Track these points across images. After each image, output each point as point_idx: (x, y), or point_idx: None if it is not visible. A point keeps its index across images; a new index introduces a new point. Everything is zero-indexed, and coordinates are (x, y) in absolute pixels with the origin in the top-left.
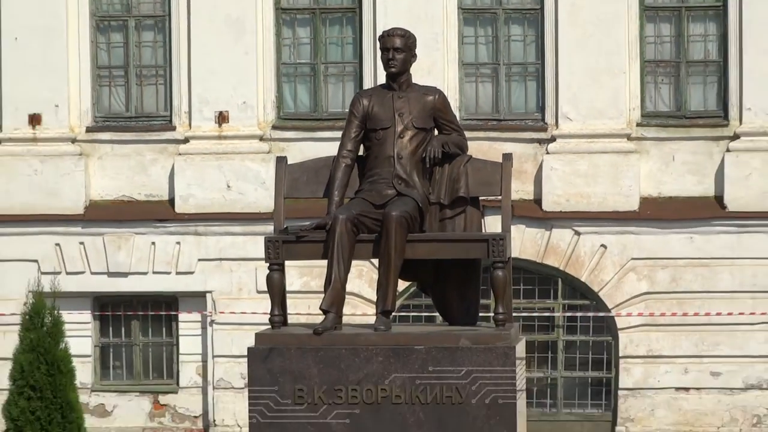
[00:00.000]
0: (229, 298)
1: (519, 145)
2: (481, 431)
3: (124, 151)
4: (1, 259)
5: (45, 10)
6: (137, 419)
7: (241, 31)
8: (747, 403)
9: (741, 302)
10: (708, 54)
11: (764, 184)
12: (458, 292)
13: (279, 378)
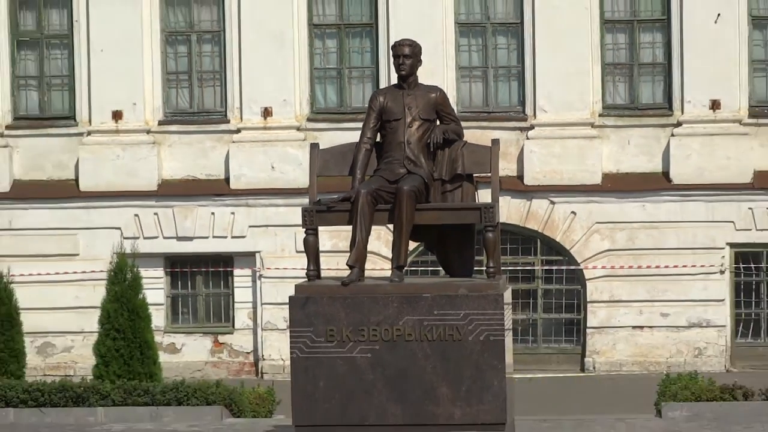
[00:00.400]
0: (273, 256)
1: (504, 132)
2: (477, 363)
3: (188, 140)
4: (92, 227)
5: (125, 27)
6: (201, 355)
7: (281, 42)
8: (690, 339)
9: (684, 257)
10: (655, 58)
11: (701, 162)
12: (457, 251)
13: (314, 321)
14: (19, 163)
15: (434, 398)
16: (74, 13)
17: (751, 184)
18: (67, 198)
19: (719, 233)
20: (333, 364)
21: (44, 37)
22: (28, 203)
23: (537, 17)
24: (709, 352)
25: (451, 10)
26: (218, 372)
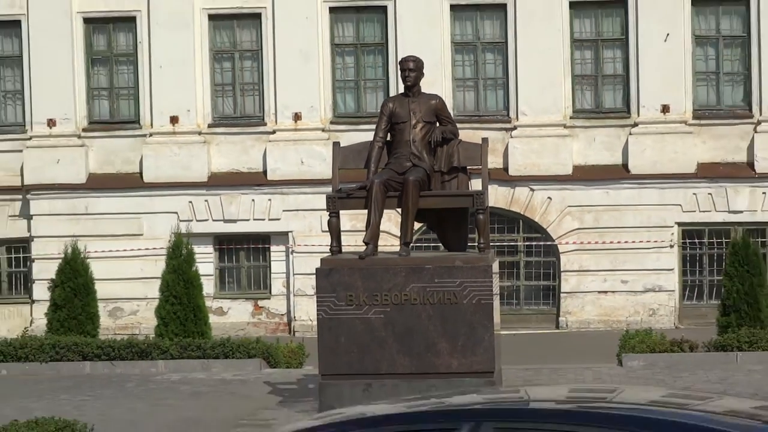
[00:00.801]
0: (303, 235)
1: (492, 132)
2: (470, 322)
3: (232, 140)
4: (153, 211)
5: (180, 46)
6: (243, 317)
7: (308, 59)
8: (645, 301)
9: (640, 234)
10: (616, 70)
11: (654, 155)
12: (453, 230)
13: (336, 288)
14: (93, 159)
15: (435, 351)
16: (138, 35)
17: (695, 174)
18: (133, 188)
19: (669, 214)
20: (352, 324)
21: (113, 56)
22: (101, 192)
23: (519, 37)
24: (661, 312)
25: (448, 32)
26: (258, 331)
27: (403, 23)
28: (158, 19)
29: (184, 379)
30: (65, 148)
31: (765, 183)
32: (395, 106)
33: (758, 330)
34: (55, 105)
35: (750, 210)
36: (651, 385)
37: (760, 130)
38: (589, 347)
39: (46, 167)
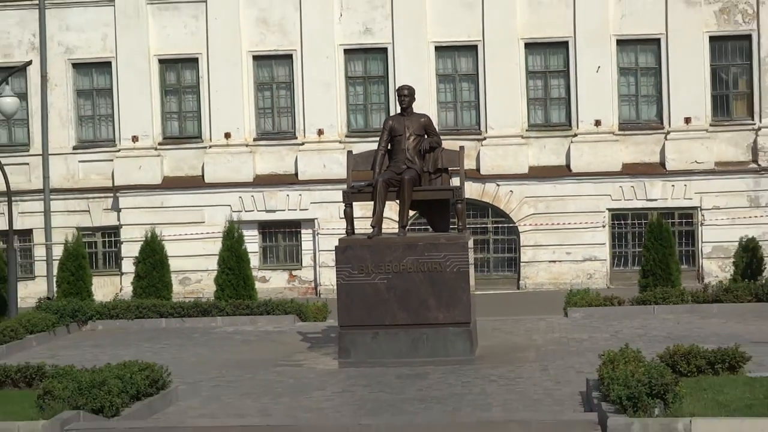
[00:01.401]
0: (325, 221)
1: (467, 142)
2: (452, 285)
3: (272, 149)
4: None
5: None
6: (281, 283)
7: (329, 88)
8: (584, 268)
9: (580, 217)
10: (560, 94)
11: (590, 158)
12: (439, 216)
13: (351, 260)
14: (166, 165)
15: (426, 307)
16: (200, 71)
17: (621, 172)
18: (197, 187)
19: (601, 202)
20: (362, 288)
21: (181, 87)
22: (172, 191)
23: (486, 70)
24: (596, 276)
25: (433, 67)
26: (292, 294)
27: (399, 61)
28: (215, 59)
29: (236, 331)
30: (145, 158)
31: (673, 178)
32: (394, 123)
33: (669, 289)
34: (137, 125)
35: (662, 198)
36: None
37: (669, 138)
38: (542, 303)
39: (131, 172)
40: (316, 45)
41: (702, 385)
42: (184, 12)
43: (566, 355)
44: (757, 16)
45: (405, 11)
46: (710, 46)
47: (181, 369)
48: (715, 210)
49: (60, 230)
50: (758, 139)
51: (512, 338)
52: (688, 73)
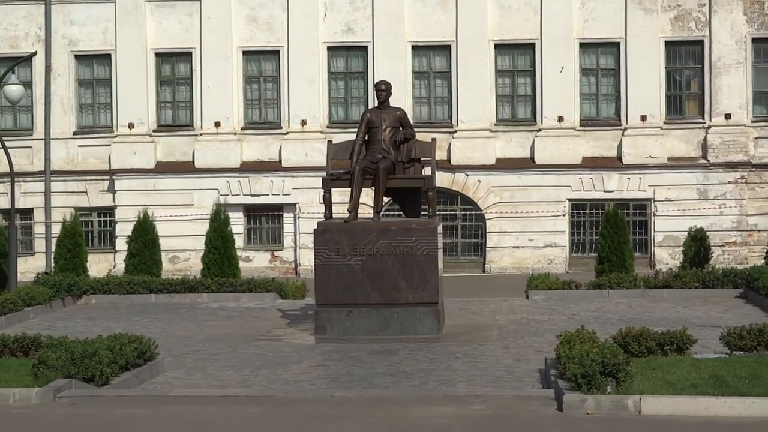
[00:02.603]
0: (306, 206)
1: (439, 134)
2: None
3: (258, 138)
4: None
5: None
6: (263, 263)
7: (312, 82)
8: (545, 254)
9: (542, 206)
10: (527, 91)
11: (553, 152)
12: (411, 203)
13: (328, 242)
14: (160, 151)
15: (397, 288)
16: (193, 65)
17: (581, 165)
18: (188, 172)
19: (562, 192)
20: (339, 268)
21: (175, 79)
22: (164, 175)
23: (459, 69)
24: (556, 261)
25: (409, 64)
26: (273, 273)
27: (378, 58)
28: (207, 53)
29: (221, 307)
30: (140, 144)
31: (629, 171)
32: (371, 116)
33: (623, 274)
34: (133, 113)
35: (618, 190)
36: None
37: (626, 134)
38: (505, 286)
39: (126, 157)
40: (302, 42)
41: (651, 365)
42: (180, 9)
43: (526, 334)
44: (709, 23)
45: (384, 12)
46: (665, 50)
47: (168, 342)
48: (667, 202)
49: (59, 210)
50: (708, 137)
51: (477, 318)
52: (645, 74)
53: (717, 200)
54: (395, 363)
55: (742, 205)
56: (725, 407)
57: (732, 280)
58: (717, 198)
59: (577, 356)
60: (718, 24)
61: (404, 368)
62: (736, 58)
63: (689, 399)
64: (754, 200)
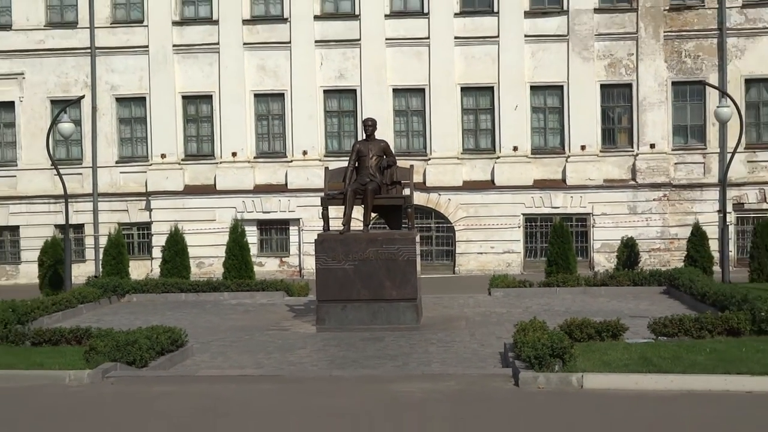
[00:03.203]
0: (308, 220)
1: (417, 162)
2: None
3: (268, 165)
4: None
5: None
6: (273, 267)
7: (312, 119)
8: (504, 258)
9: (501, 219)
10: (488, 126)
11: (509, 175)
12: (393, 218)
13: (326, 250)
14: (187, 176)
15: (383, 287)
16: (213, 105)
17: (532, 186)
18: (211, 193)
19: (517, 208)
20: (335, 271)
21: (199, 117)
22: (191, 196)
23: (432, 108)
24: (513, 264)
25: (391, 104)
26: (282, 275)
27: (365, 99)
28: (225, 96)
29: (238, 303)
30: (171, 170)
31: (572, 191)
32: (360, 146)
33: (568, 275)
34: (165, 145)
35: (563, 206)
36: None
37: (569, 161)
38: (471, 285)
39: (160, 181)
40: (302, 86)
41: (591, 349)
42: (202, 59)
43: (489, 324)
44: (637, 69)
45: (370, 62)
46: (600, 92)
47: (196, 332)
48: (603, 216)
49: (105, 225)
50: (636, 163)
51: (448, 311)
52: (584, 111)
53: (644, 214)
54: (382, 348)
55: (664, 218)
56: (651, 382)
57: (657, 279)
58: (644, 213)
59: (530, 341)
60: (644, 70)
61: (389, 352)
62: (658, 98)
63: (622, 376)
64: (674, 214)
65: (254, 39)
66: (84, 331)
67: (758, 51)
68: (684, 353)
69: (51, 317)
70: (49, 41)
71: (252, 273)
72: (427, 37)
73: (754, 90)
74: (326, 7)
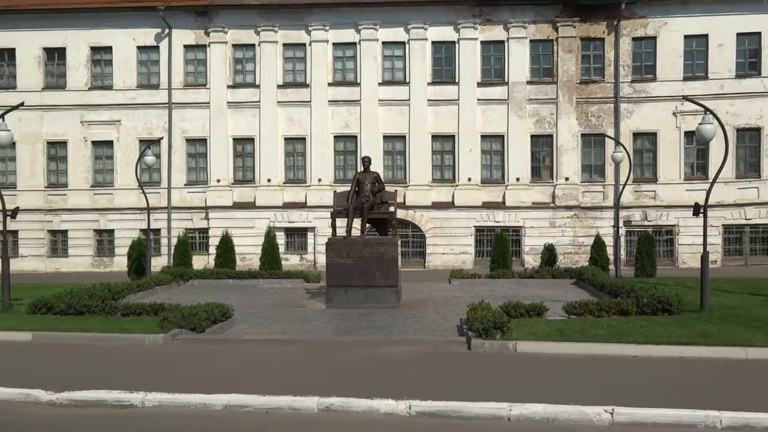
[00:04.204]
0: (321, 229)
1: (399, 188)
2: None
3: (293, 188)
4: (259, 217)
5: (273, 151)
6: (296, 261)
7: (325, 156)
8: (461, 258)
9: (459, 230)
10: (452, 164)
11: (465, 198)
12: (382, 227)
13: (334, 250)
14: (235, 195)
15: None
16: (255, 145)
17: (481, 206)
18: (251, 208)
19: (470, 222)
20: (340, 265)
21: (244, 153)
22: (238, 210)
23: (411, 150)
24: (467, 262)
25: (381, 147)
26: (301, 267)
27: (363, 143)
28: (263, 139)
29: (270, 287)
30: (224, 191)
31: (509, 210)
32: (359, 176)
33: (506, 270)
34: (220, 173)
35: (503, 221)
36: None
37: (507, 189)
38: (437, 276)
39: (215, 199)
40: (318, 133)
41: (522, 323)
42: (247, 113)
43: (449, 305)
44: (556, 124)
45: (367, 116)
46: (530, 140)
47: (239, 307)
48: (531, 228)
49: (175, 230)
50: (555, 191)
51: (420, 295)
52: (518, 154)
53: (560, 228)
54: (373, 321)
55: (575, 231)
56: (565, 348)
57: (569, 274)
58: (560, 226)
59: (479, 317)
60: (561, 125)
61: (378, 324)
62: (571, 145)
63: (544, 343)
64: (581, 228)
65: (285, 99)
66: (159, 306)
67: (642, 113)
68: (588, 327)
69: (135, 295)
70: (139, 98)
71: (280, 265)
72: (408, 99)
73: (639, 141)
74: (336, 77)
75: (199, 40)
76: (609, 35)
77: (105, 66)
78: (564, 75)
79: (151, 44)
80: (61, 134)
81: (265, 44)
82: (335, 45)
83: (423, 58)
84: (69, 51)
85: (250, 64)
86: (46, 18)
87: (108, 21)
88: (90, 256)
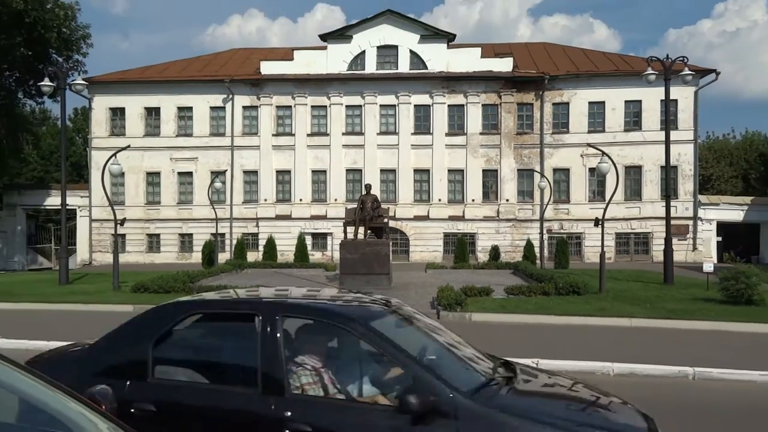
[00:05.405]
0: (337, 234)
1: (391, 205)
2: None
3: (318, 206)
4: (294, 227)
5: (304, 180)
6: (319, 257)
7: (340, 183)
8: (434, 255)
9: (434, 237)
10: (427, 189)
11: (437, 213)
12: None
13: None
14: (277, 210)
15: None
16: (291, 177)
17: (448, 219)
18: (288, 220)
19: (440, 230)
20: (350, 259)
21: (283, 181)
22: (279, 221)
23: (399, 180)
24: (438, 258)
25: (378, 178)
26: (323, 261)
27: (366, 175)
28: (297, 171)
29: (300, 275)
30: (269, 207)
31: (468, 222)
32: (363, 197)
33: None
34: (267, 194)
35: (463, 230)
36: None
37: (467, 206)
38: (417, 267)
39: (264, 213)
40: (335, 168)
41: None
42: (286, 152)
43: (426, 287)
44: (500, 162)
45: (369, 156)
46: (482, 173)
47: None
48: (483, 234)
49: (235, 234)
50: (499, 208)
51: (405, 280)
52: (474, 183)
53: (503, 234)
54: None
55: (513, 236)
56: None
57: (508, 266)
58: (503, 233)
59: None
60: (504, 163)
61: None
62: (510, 176)
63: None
64: (517, 234)
65: (312, 143)
66: (223, 287)
67: (560, 155)
68: (522, 304)
69: (207, 279)
70: (210, 142)
71: (308, 259)
72: (397, 144)
73: (557, 174)
74: (347, 129)
75: (253, 102)
76: (537, 101)
77: (187, 120)
78: (505, 128)
79: (219, 105)
80: (156, 167)
81: (298, 106)
82: (347, 107)
83: (408, 116)
84: (162, 109)
85: (288, 119)
86: (147, 86)
87: (189, 89)
88: (175, 252)
